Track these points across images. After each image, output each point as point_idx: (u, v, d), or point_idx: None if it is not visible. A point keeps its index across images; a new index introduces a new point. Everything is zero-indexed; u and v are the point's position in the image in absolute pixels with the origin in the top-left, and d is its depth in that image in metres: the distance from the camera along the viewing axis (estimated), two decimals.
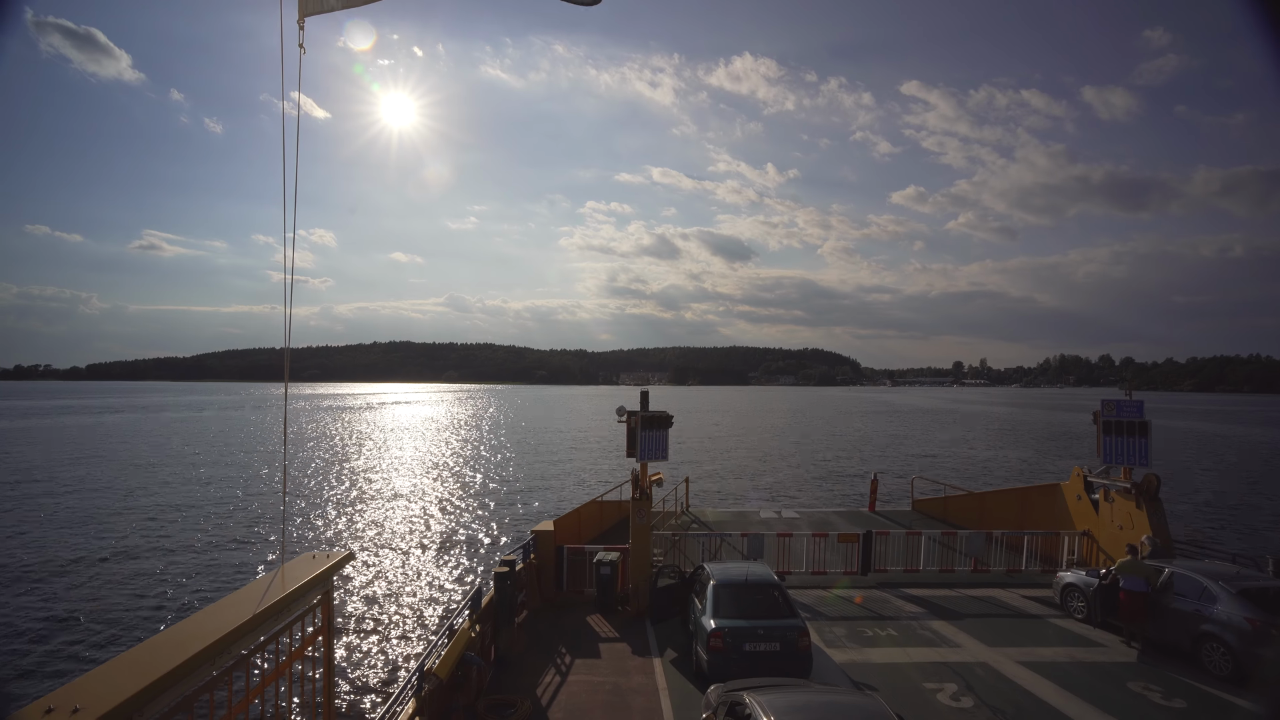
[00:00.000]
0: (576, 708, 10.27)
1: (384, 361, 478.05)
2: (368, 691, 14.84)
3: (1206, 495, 40.52)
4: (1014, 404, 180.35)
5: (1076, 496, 17.43)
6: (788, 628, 10.56)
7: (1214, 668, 11.10)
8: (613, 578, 14.50)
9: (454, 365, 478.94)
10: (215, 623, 4.36)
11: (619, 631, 13.47)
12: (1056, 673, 11.28)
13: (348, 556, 6.42)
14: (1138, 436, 15.56)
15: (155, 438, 71.88)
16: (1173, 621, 11.91)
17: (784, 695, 7.52)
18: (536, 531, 15.69)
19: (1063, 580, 14.48)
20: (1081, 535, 17.01)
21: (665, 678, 11.30)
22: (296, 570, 5.57)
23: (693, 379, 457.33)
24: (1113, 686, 10.82)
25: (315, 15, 4.98)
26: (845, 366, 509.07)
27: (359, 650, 16.91)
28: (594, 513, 20.37)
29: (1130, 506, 15.51)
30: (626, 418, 15.51)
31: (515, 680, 11.18)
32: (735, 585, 11.23)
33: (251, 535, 28.92)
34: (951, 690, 10.65)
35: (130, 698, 3.32)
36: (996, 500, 21.26)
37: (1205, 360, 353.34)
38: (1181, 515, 32.44)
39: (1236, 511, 35.86)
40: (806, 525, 21.42)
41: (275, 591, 5.01)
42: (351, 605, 19.99)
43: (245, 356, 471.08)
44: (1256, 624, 10.60)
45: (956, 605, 14.81)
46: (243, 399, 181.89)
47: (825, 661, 11.65)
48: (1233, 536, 29.33)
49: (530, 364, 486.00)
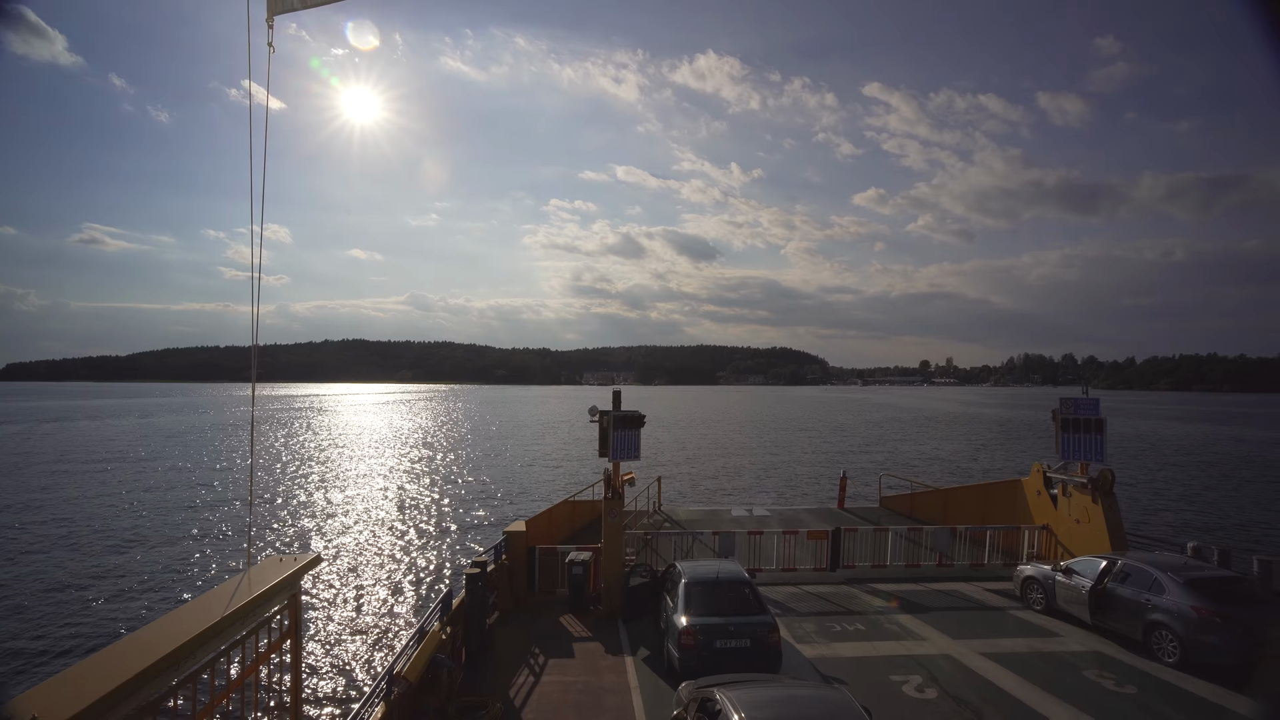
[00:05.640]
0: (548, 708, 10.28)
1: (335, 360, 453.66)
2: (337, 696, 14.64)
3: (1162, 489, 42.04)
4: (1002, 404, 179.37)
5: (1036, 492, 17.94)
6: (758, 624, 10.71)
7: (1163, 655, 11.55)
8: (585, 577, 14.52)
9: (409, 364, 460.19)
10: (179, 627, 4.30)
11: (591, 631, 13.50)
12: (1016, 663, 11.64)
13: (315, 559, 6.36)
14: (1094, 433, 16.07)
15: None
16: (1124, 611, 12.38)
17: (753, 690, 7.64)
18: (508, 532, 15.64)
19: (1023, 573, 14.92)
20: (1041, 529, 17.52)
21: (637, 676, 11.36)
22: (263, 573, 5.51)
23: (659, 378, 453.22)
24: (1069, 675, 11.20)
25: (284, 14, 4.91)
26: (814, 366, 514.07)
27: (328, 654, 16.66)
28: (566, 513, 20.35)
29: (1087, 501, 16.02)
30: (599, 417, 15.54)
31: (487, 681, 11.15)
32: (706, 583, 11.35)
33: (216, 539, 28.25)
34: (916, 682, 10.92)
35: (90, 705, 3.27)
36: (960, 496, 21.77)
37: (1184, 358, 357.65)
38: (1140, 508, 33.65)
39: (1190, 504, 37.27)
40: (777, 523, 21.68)
41: (241, 595, 4.95)
42: (320, 609, 19.67)
43: (186, 355, 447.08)
44: (1203, 612, 11.07)
45: (922, 599, 15.16)
46: (162, 404, 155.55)
47: (795, 656, 11.83)
48: (1187, 528, 30.44)
49: (490, 363, 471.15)
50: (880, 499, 26.13)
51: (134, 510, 34.02)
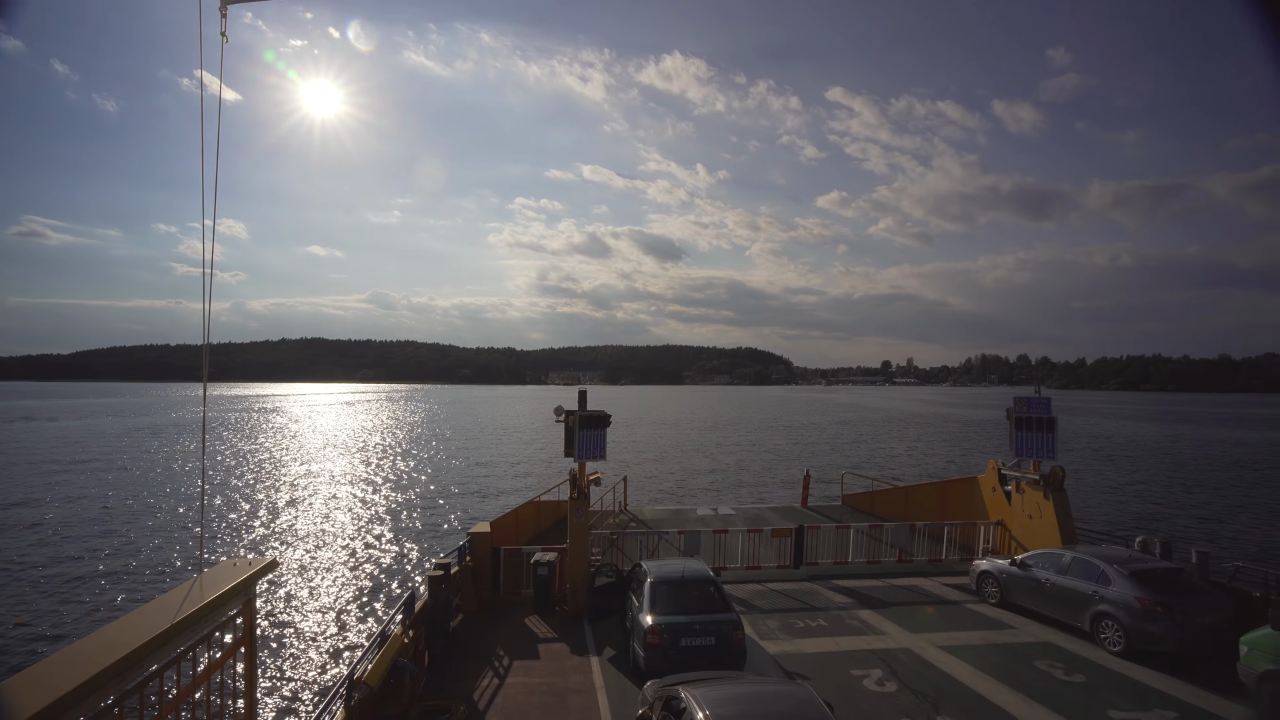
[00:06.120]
0: (513, 710, 10.21)
1: (293, 360, 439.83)
2: (295, 703, 14.28)
3: (1111, 484, 43.69)
4: (960, 404, 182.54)
5: (992, 489, 18.47)
6: (723, 622, 10.80)
7: (1109, 644, 12.04)
8: (550, 578, 14.45)
9: (370, 364, 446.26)
10: (126, 636, 4.15)
11: (557, 632, 13.45)
12: (972, 655, 11.98)
13: (271, 564, 6.20)
14: (1045, 431, 16.61)
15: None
16: (1073, 602, 12.85)
17: (718, 688, 7.70)
18: (472, 533, 15.48)
19: (978, 568, 15.36)
20: (996, 525, 18.05)
21: (603, 676, 11.36)
22: (216, 579, 5.35)
23: (626, 378, 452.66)
24: (1021, 665, 11.58)
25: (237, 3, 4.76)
26: (780, 366, 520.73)
27: (286, 661, 16.24)
28: (531, 513, 20.22)
29: (1039, 496, 16.55)
30: (565, 417, 15.47)
31: (450, 685, 11.01)
32: (672, 582, 11.40)
33: (167, 546, 27.26)
34: (877, 675, 11.16)
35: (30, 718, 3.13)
36: (919, 494, 22.28)
37: (1132, 359, 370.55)
38: (1091, 503, 34.92)
39: (1138, 498, 38.81)
40: (742, 521, 21.89)
41: (193, 601, 4.80)
42: (277, 615, 19.16)
43: (134, 354, 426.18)
44: (1145, 603, 11.56)
45: (883, 594, 15.49)
46: (107, 404, 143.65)
47: (759, 653, 11.98)
48: (1135, 522, 31.67)
49: (454, 362, 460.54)
50: (843, 497, 26.59)
51: (76, 517, 32.61)
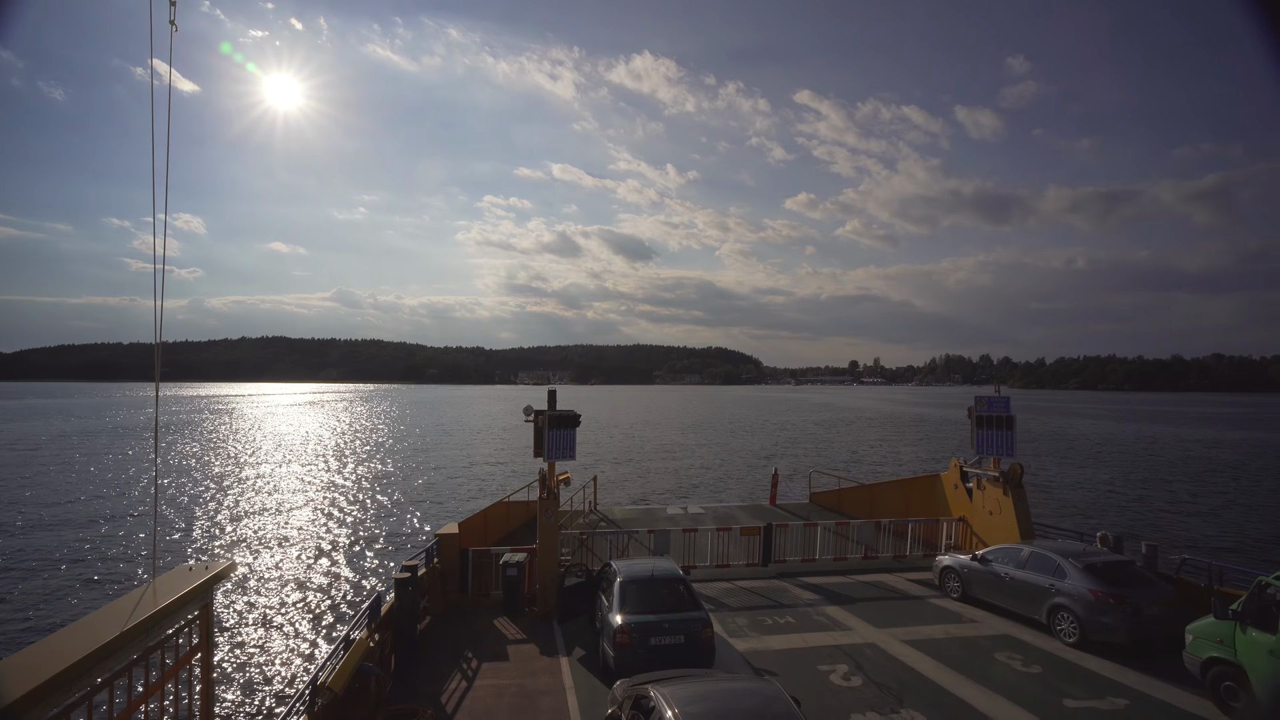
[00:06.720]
0: (482, 712, 10.12)
1: (254, 359, 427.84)
2: (256, 711, 13.92)
3: (1070, 480, 45.06)
4: (925, 403, 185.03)
5: (954, 486, 18.90)
6: (692, 620, 10.86)
7: (1064, 635, 12.44)
8: (520, 579, 14.36)
9: (335, 363, 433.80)
10: (76, 643, 4.00)
11: (526, 633, 13.37)
12: (934, 648, 12.26)
13: (229, 567, 6.04)
14: (1004, 430, 17.07)
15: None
16: (1031, 595, 13.23)
17: (686, 685, 7.74)
18: (440, 535, 15.30)
19: (941, 563, 15.72)
20: (958, 521, 18.48)
21: (572, 676, 11.33)
22: (171, 583, 5.20)
23: (595, 378, 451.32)
24: (982, 658, 11.89)
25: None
26: (749, 365, 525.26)
27: (246, 668, 15.82)
28: (501, 514, 20.06)
29: (998, 493, 16.99)
30: (534, 417, 15.40)
31: (418, 689, 10.86)
32: (641, 581, 11.43)
33: (118, 551, 26.34)
34: (843, 671, 11.34)
35: None
36: (884, 491, 22.69)
37: (1089, 359, 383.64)
38: (1049, 499, 35.98)
39: (1092, 492, 40.11)
40: (711, 520, 22.04)
41: (146, 607, 4.66)
42: (237, 620, 18.66)
43: (83, 353, 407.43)
44: (1098, 595, 11.97)
45: (849, 590, 15.75)
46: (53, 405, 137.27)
47: (728, 651, 12.08)
48: (1091, 516, 32.72)
49: (421, 362, 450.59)
50: (810, 495, 26.95)
51: (21, 523, 31.33)
